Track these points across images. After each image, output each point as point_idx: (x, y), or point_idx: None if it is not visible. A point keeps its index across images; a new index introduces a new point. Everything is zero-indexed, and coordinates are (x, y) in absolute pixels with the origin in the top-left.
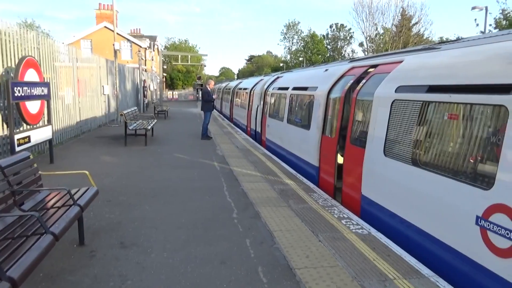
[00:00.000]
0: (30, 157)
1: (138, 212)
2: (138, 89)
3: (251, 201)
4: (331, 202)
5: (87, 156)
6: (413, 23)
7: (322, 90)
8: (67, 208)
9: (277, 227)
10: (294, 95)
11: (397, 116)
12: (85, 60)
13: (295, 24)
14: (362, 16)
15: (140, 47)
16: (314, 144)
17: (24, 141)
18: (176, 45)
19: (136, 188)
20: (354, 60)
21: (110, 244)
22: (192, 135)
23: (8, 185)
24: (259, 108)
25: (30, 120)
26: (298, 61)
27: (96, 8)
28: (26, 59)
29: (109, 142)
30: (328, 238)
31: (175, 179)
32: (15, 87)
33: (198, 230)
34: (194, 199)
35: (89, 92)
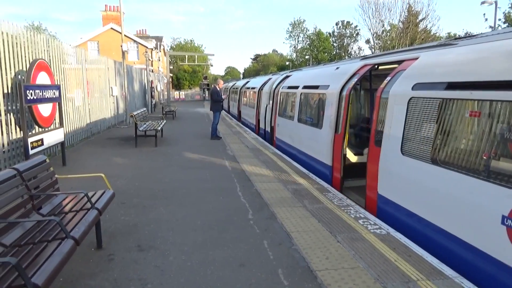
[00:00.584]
0: (46, 160)
1: (153, 214)
2: (146, 90)
3: (266, 202)
4: (347, 202)
5: (98, 158)
6: (420, 19)
7: (334, 89)
8: (85, 211)
9: (294, 228)
10: (305, 94)
11: (415, 114)
12: (93, 61)
13: (300, 22)
14: (369, 12)
15: (146, 48)
16: (327, 143)
17: (37, 144)
18: (182, 45)
19: (149, 190)
20: (366, 58)
21: (128, 247)
22: (201, 135)
23: (26, 189)
24: (268, 108)
25: (43, 123)
26: (304, 59)
27: (102, 10)
28: (38, 62)
29: (119, 144)
30: (347, 238)
31: (187, 180)
32: (28, 90)
33: (214, 232)
34: (207, 201)
35: (98, 93)
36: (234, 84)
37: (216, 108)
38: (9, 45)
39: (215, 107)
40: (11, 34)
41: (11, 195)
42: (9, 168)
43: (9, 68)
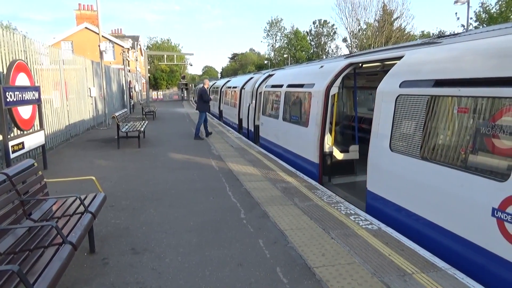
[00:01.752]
0: (35, 164)
1: (144, 216)
2: (124, 90)
3: (257, 201)
4: (336, 199)
5: (80, 160)
6: (394, 18)
7: (320, 87)
8: (79, 216)
9: (287, 226)
10: (289, 93)
11: (403, 111)
12: (71, 62)
13: (278, 21)
14: (345, 11)
15: (122, 47)
16: (313, 141)
17: (18, 148)
18: (158, 45)
19: (137, 191)
20: (350, 56)
21: (122, 251)
22: (183, 136)
23: (17, 194)
24: (251, 107)
25: (23, 126)
26: (283, 58)
27: (76, 9)
28: (17, 62)
29: (101, 146)
30: (340, 235)
31: (175, 181)
32: (7, 92)
33: (208, 233)
34: (198, 201)
35: (76, 95)
36: (214, 84)
37: (205, 108)
38: None
39: (204, 107)
40: None
41: (1, 201)
42: (1, 174)
43: None
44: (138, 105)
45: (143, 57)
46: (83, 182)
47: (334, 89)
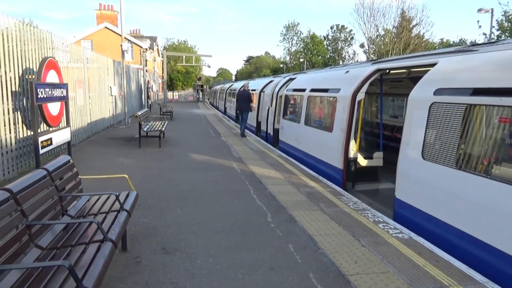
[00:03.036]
0: (70, 161)
1: (171, 216)
2: (142, 90)
3: (282, 205)
4: (362, 206)
5: (103, 158)
6: (413, 25)
7: (346, 92)
8: (115, 213)
9: (316, 232)
10: (313, 97)
11: (438, 118)
12: (94, 60)
13: (294, 25)
14: (364, 17)
15: (141, 47)
16: (338, 146)
17: (47, 144)
18: (175, 46)
19: (162, 191)
20: (378, 62)
21: (153, 250)
22: (202, 137)
23: (56, 190)
24: (270, 110)
25: (52, 122)
26: (298, 62)
27: (97, 8)
28: (48, 60)
29: (122, 144)
30: (371, 242)
31: (198, 182)
32: (39, 88)
33: (237, 235)
34: (223, 203)
35: (98, 93)
36: (231, 86)
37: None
38: (17, 41)
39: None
40: (18, 30)
41: (42, 196)
42: (40, 168)
43: (17, 66)
44: (155, 105)
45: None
46: (110, 180)
47: (360, 95)
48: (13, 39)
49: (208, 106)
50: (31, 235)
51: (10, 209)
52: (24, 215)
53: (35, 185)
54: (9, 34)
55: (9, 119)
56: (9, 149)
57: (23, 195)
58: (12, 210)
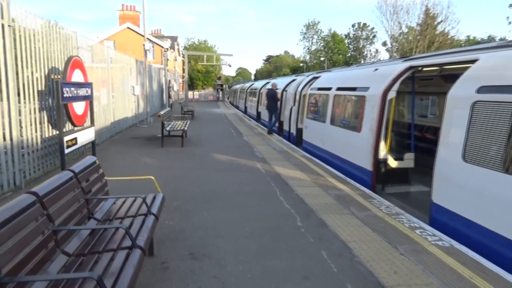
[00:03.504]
0: (96, 162)
1: (197, 219)
2: (163, 89)
3: (311, 208)
4: (395, 210)
5: (126, 157)
6: (438, 22)
7: (376, 91)
8: (142, 217)
9: (349, 238)
10: (339, 96)
11: (482, 118)
12: (117, 60)
13: (315, 24)
14: (387, 14)
15: (162, 47)
16: (367, 147)
17: (72, 143)
18: (195, 46)
19: (186, 192)
20: (410, 59)
21: (180, 255)
22: (224, 136)
23: (82, 193)
24: (293, 109)
25: (77, 122)
26: (319, 61)
27: (119, 9)
28: (73, 59)
29: (144, 143)
30: (409, 250)
31: (223, 183)
32: (64, 88)
33: (266, 240)
34: (250, 205)
35: (121, 92)
36: (251, 85)
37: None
38: (43, 42)
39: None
40: (45, 31)
41: (69, 199)
42: (66, 170)
43: (44, 66)
44: (176, 104)
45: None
46: (135, 180)
47: (391, 94)
48: (40, 39)
49: (228, 106)
50: (58, 240)
51: (36, 213)
52: (51, 220)
53: (62, 187)
54: (36, 34)
55: (35, 119)
56: (34, 149)
57: (50, 198)
58: (39, 215)
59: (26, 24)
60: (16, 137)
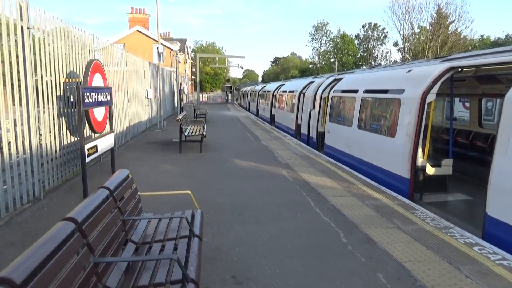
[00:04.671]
0: (129, 176)
1: (232, 234)
2: (174, 92)
3: (351, 221)
4: (443, 223)
5: (145, 164)
6: (450, 21)
7: (413, 93)
8: (185, 240)
9: (403, 257)
10: (367, 98)
11: None
12: (132, 63)
13: (323, 25)
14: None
15: (171, 50)
16: (403, 153)
17: (93, 151)
18: (204, 48)
19: (214, 203)
20: (450, 60)
21: (222, 279)
22: (241, 140)
23: (119, 213)
24: (313, 112)
25: (97, 128)
26: (328, 62)
27: (129, 12)
28: (94, 62)
29: (161, 149)
30: (475, 272)
31: (251, 192)
32: (85, 93)
33: (312, 260)
34: (285, 218)
35: (136, 96)
36: (263, 87)
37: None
38: (61, 44)
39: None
40: (63, 33)
41: (108, 222)
42: (101, 188)
43: (62, 69)
44: (187, 107)
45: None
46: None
47: (431, 96)
48: (58, 42)
49: (238, 108)
50: (99, 274)
51: (77, 244)
52: (91, 250)
53: (99, 209)
54: (54, 37)
55: (53, 125)
56: (53, 157)
57: (89, 224)
58: (79, 246)
59: (44, 27)
60: (36, 146)
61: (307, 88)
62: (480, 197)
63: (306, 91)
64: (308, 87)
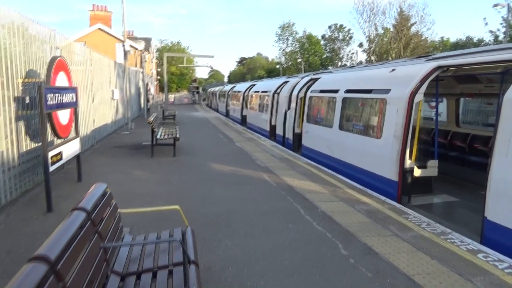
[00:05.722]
0: (107, 190)
1: (222, 250)
2: (140, 92)
3: (347, 230)
4: (440, 228)
5: (115, 171)
6: (411, 23)
7: (400, 93)
8: (180, 268)
9: (411, 270)
10: (349, 99)
11: None
12: (97, 62)
13: (290, 25)
14: (364, 15)
15: (136, 49)
16: (390, 155)
17: (57, 159)
18: (169, 47)
19: (197, 214)
20: (435, 59)
21: None
22: (214, 142)
23: (99, 240)
24: (288, 113)
25: (62, 133)
26: (295, 62)
27: (90, 9)
28: (58, 60)
29: (131, 153)
30: (487, 284)
31: (235, 200)
32: (48, 94)
33: (315, 278)
34: (276, 229)
35: (101, 97)
36: (233, 88)
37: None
38: (20, 39)
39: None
40: (22, 26)
41: (87, 255)
42: (76, 210)
43: (20, 68)
44: (153, 108)
45: (154, 59)
46: (131, 201)
47: (419, 96)
48: (16, 37)
49: (206, 109)
50: None
51: None
52: None
53: (76, 239)
54: (11, 31)
55: (11, 130)
56: (11, 166)
57: (65, 262)
58: None
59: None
60: None
61: (282, 88)
62: (466, 198)
63: (280, 91)
64: (283, 87)
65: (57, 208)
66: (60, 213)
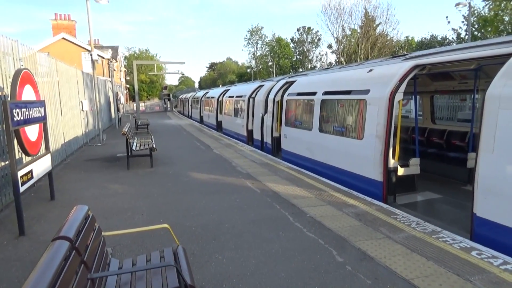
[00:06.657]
0: (89, 213)
1: (213, 266)
2: (110, 102)
3: (339, 235)
4: (430, 227)
5: (90, 186)
6: (377, 24)
7: (380, 93)
8: None
9: (409, 273)
10: (328, 101)
11: None
12: (63, 73)
13: (258, 29)
14: (331, 17)
15: (103, 58)
16: (374, 156)
17: (27, 178)
18: (137, 55)
19: (183, 227)
20: (412, 58)
21: None
22: (192, 150)
23: (86, 270)
24: (265, 117)
25: (31, 150)
26: (265, 66)
27: (52, 19)
28: (23, 72)
29: (105, 166)
30: (486, 283)
31: (219, 210)
32: (14, 109)
33: None
34: (267, 238)
35: (70, 109)
36: (206, 93)
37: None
38: None
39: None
40: None
41: None
42: (59, 239)
43: None
44: (125, 118)
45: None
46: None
47: (399, 95)
48: None
49: (179, 116)
50: None
51: None
52: None
53: (62, 274)
54: None
55: None
56: None
57: None
58: None
59: None
60: None
61: (257, 92)
62: (448, 194)
63: (256, 96)
64: (258, 91)
65: (30, 231)
66: (33, 236)
